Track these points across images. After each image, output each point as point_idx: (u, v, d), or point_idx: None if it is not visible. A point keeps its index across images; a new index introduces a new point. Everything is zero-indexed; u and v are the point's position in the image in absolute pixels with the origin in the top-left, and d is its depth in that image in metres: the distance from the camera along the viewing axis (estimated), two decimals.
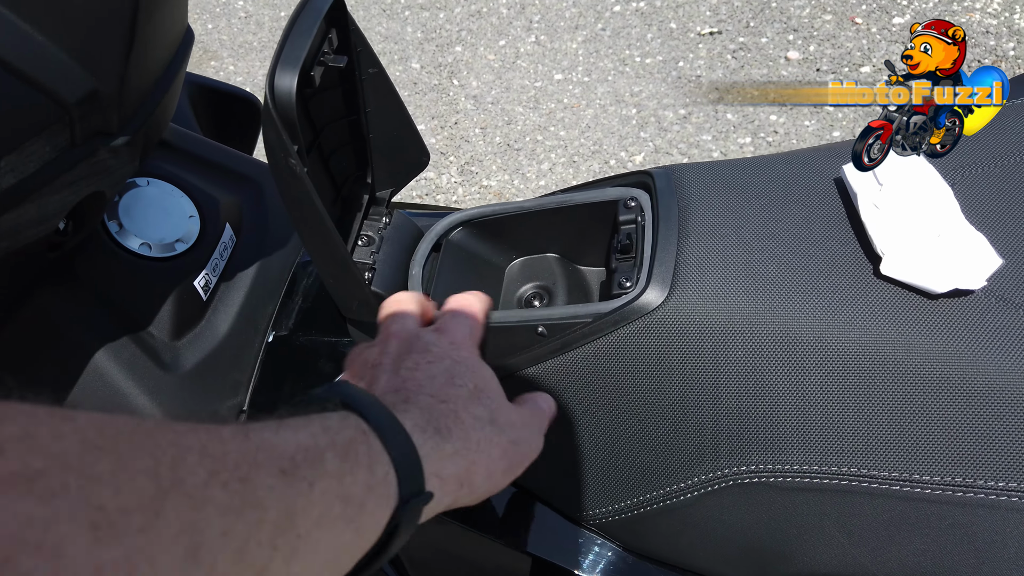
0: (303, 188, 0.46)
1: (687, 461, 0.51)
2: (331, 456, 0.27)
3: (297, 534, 0.25)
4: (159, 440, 0.22)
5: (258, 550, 0.23)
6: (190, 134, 0.69)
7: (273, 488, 0.24)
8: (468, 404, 0.37)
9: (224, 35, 2.66)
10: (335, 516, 0.27)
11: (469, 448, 0.35)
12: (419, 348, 0.40)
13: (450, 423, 0.35)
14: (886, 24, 2.34)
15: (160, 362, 0.59)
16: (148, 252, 0.60)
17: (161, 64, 0.50)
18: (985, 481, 0.45)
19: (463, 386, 0.38)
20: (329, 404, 0.31)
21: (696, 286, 0.50)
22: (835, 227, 0.52)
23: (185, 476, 0.22)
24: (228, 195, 0.67)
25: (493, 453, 0.37)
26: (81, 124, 0.44)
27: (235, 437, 0.25)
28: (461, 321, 0.44)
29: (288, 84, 0.44)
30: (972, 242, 0.48)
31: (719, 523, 0.52)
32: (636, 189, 0.58)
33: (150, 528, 0.20)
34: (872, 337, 0.47)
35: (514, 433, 0.39)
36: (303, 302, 0.67)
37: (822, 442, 0.48)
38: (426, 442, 0.33)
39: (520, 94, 2.28)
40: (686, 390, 0.50)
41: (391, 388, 0.37)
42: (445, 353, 0.40)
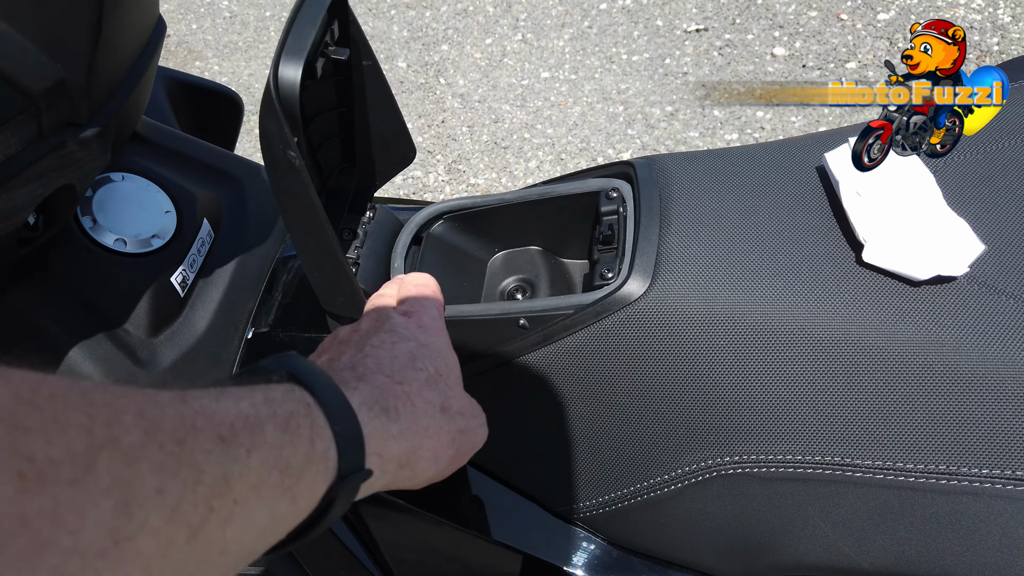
0: (299, 181, 0.45)
1: (670, 453, 0.51)
2: (271, 427, 0.27)
3: (233, 499, 0.25)
4: (94, 399, 0.22)
5: (192, 510, 0.23)
6: (167, 129, 0.68)
7: (210, 452, 0.24)
8: (423, 388, 0.38)
9: (209, 35, 2.65)
10: (272, 485, 0.27)
11: (416, 431, 0.36)
12: (387, 328, 0.40)
13: (400, 404, 0.36)
14: (871, 20, 2.35)
15: (136, 359, 0.58)
16: (123, 248, 0.59)
17: (131, 54, 0.49)
18: (968, 468, 0.44)
19: (423, 370, 0.39)
20: (275, 376, 0.31)
21: (678, 276, 0.49)
22: (817, 215, 0.52)
23: (120, 434, 0.22)
24: (206, 190, 0.66)
25: (441, 439, 0.38)
26: (48, 115, 0.43)
27: (173, 402, 0.25)
28: (427, 304, 0.44)
29: (293, 75, 0.44)
30: (954, 228, 0.47)
31: (703, 515, 0.51)
32: (618, 180, 0.58)
33: (81, 481, 0.20)
34: (854, 325, 0.47)
35: (463, 421, 0.40)
36: (283, 298, 0.66)
37: (805, 432, 0.47)
38: (372, 420, 0.33)
39: (507, 92, 2.28)
40: (668, 381, 0.50)
41: (349, 364, 0.37)
42: (412, 335, 0.40)
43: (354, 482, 0.31)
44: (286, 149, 0.43)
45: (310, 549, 0.62)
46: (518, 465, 0.57)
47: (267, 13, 2.71)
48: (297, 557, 0.63)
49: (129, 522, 0.21)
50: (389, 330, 0.40)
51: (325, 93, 0.54)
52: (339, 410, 0.31)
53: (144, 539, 0.21)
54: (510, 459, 0.57)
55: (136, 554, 0.21)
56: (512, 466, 0.57)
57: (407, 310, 0.43)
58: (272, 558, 0.29)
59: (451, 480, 0.59)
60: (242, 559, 0.26)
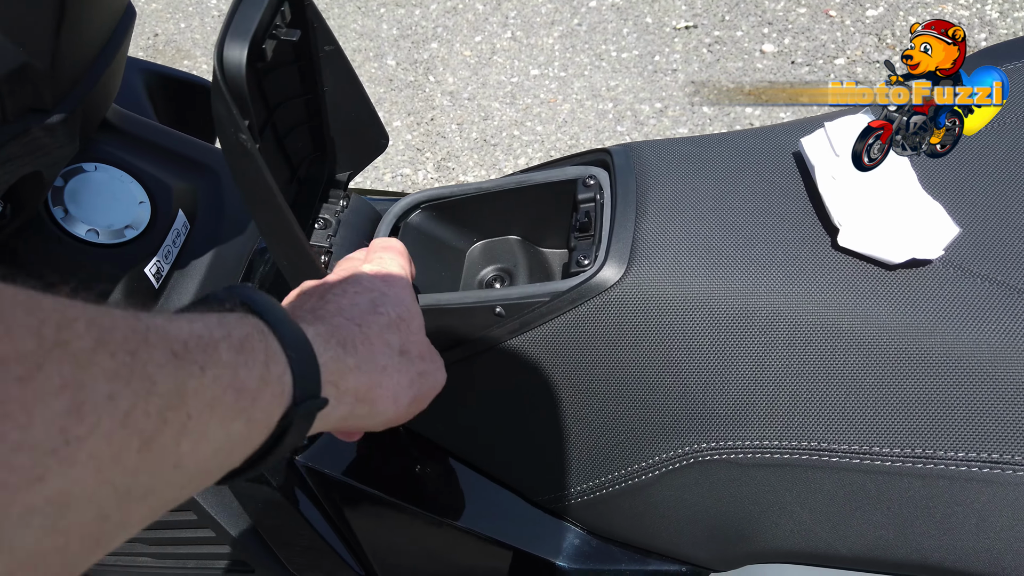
0: (254, 164, 0.44)
1: (648, 440, 0.50)
2: (225, 347, 0.27)
3: (187, 413, 0.24)
4: (44, 304, 0.21)
5: (146, 419, 0.23)
6: (141, 119, 0.67)
7: (163, 366, 0.24)
8: (383, 331, 0.38)
9: (197, 34, 2.64)
10: (227, 404, 0.26)
11: (374, 368, 0.36)
12: (351, 280, 0.41)
13: (357, 341, 0.36)
14: (860, 16, 2.35)
15: None
16: (95, 239, 0.58)
17: (99, 40, 0.48)
18: (944, 452, 0.44)
19: (384, 314, 0.39)
20: (228, 304, 0.31)
21: (654, 262, 0.49)
22: (793, 200, 0.51)
23: (70, 339, 0.21)
24: (181, 181, 0.65)
25: (400, 380, 0.38)
26: (11, 99, 0.42)
27: (126, 316, 0.24)
28: (393, 258, 0.45)
29: (237, 56, 0.43)
30: (929, 212, 0.47)
31: (682, 502, 0.51)
32: (595, 167, 0.57)
33: (30, 379, 0.19)
34: (830, 310, 0.46)
35: (423, 365, 0.41)
36: (260, 289, 0.66)
37: (781, 417, 0.47)
38: (326, 351, 0.33)
39: (496, 90, 2.27)
40: (645, 367, 0.49)
41: (309, 309, 0.38)
42: (374, 286, 0.41)
43: (310, 408, 0.31)
44: (237, 132, 0.43)
45: (289, 544, 0.62)
46: (496, 454, 0.56)
47: None
48: (277, 552, 0.62)
49: (80, 423, 0.20)
50: (353, 281, 0.41)
51: (288, 80, 0.54)
52: (294, 337, 0.31)
53: (96, 442, 0.21)
54: (488, 448, 0.56)
55: (88, 456, 0.21)
56: (490, 455, 0.57)
57: (374, 262, 0.45)
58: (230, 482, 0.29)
59: (429, 469, 0.58)
60: (198, 477, 0.26)
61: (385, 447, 0.59)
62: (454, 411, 0.56)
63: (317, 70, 0.55)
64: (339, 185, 0.62)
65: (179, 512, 0.60)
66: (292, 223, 0.48)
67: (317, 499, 0.58)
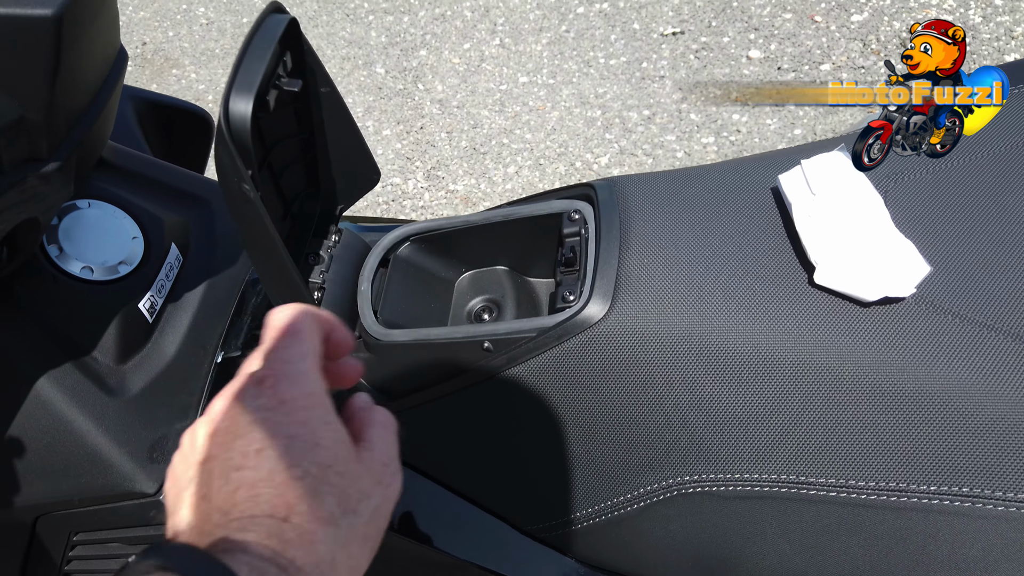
0: (255, 212, 0.45)
1: (632, 472, 0.52)
2: None
3: None
4: None
5: None
6: (133, 153, 0.68)
7: None
8: (315, 504, 0.31)
9: (185, 42, 2.63)
10: None
11: (322, 571, 0.31)
12: (244, 427, 0.33)
13: (295, 551, 0.30)
14: (845, 22, 2.37)
15: (105, 387, 0.58)
16: (90, 276, 0.59)
17: (92, 88, 0.49)
18: (917, 485, 0.46)
19: (306, 475, 0.32)
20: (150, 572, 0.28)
21: (636, 299, 0.50)
22: (771, 237, 0.53)
23: None
24: (173, 215, 0.66)
25: (352, 550, 0.32)
26: (7, 152, 0.43)
27: None
28: (288, 359, 0.35)
29: (243, 110, 0.44)
30: (901, 250, 0.49)
31: (666, 533, 0.52)
32: (580, 201, 0.59)
33: None
34: (807, 347, 0.48)
35: (372, 503, 0.34)
36: (252, 321, 0.67)
37: (761, 451, 0.48)
38: None
39: (485, 97, 2.28)
40: (629, 401, 0.51)
41: (221, 508, 0.31)
42: (276, 428, 0.33)
43: None
44: (240, 182, 0.44)
45: None
46: (485, 484, 0.58)
47: (244, 20, 2.70)
48: None
49: None
50: (246, 433, 0.33)
51: (284, 121, 0.55)
52: None
53: None
54: (477, 479, 0.58)
55: None
56: (479, 485, 0.58)
57: (262, 376, 0.34)
58: None
59: (419, 498, 0.60)
60: None
61: None
62: (444, 443, 0.57)
63: (314, 110, 0.56)
64: (330, 218, 0.63)
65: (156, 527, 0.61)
66: (290, 267, 0.49)
67: None
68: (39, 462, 0.57)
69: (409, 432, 0.57)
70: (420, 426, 0.57)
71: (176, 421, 0.62)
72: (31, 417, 0.56)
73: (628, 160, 2.04)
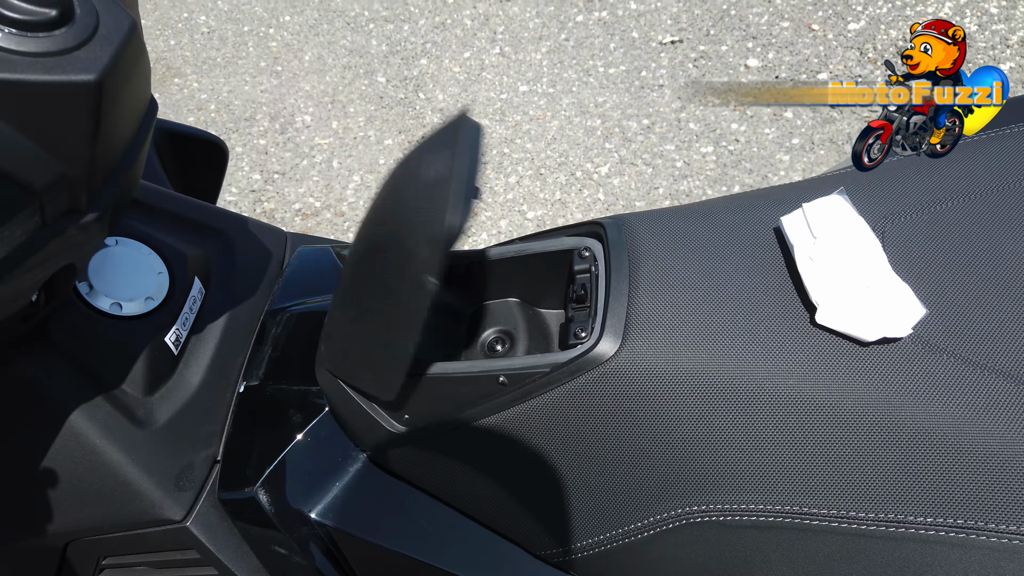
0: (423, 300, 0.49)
1: (642, 502, 0.54)
2: None
3: None
4: None
5: None
6: (156, 188, 0.71)
7: None
8: None
9: (187, 51, 2.65)
10: None
11: None
12: None
13: None
14: (842, 30, 2.40)
15: (134, 419, 0.61)
16: (119, 311, 0.62)
17: (127, 139, 0.51)
18: (915, 517, 0.48)
19: None
20: None
21: (646, 337, 0.53)
22: (774, 277, 0.55)
23: None
24: (196, 248, 0.69)
25: None
26: (51, 207, 0.45)
27: None
28: None
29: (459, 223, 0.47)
30: (898, 293, 0.51)
31: (675, 559, 0.55)
32: (589, 239, 0.61)
33: None
34: (809, 384, 0.50)
35: None
36: (272, 351, 0.69)
37: (766, 483, 0.51)
38: None
39: (486, 107, 2.31)
40: (639, 435, 0.53)
41: None
42: None
43: None
44: (427, 274, 0.47)
45: None
46: (502, 512, 0.60)
47: (245, 28, 2.72)
48: None
49: None
50: None
51: None
52: None
53: None
54: (494, 507, 0.60)
55: None
56: (496, 513, 0.60)
57: None
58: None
59: (437, 524, 0.62)
60: None
61: (396, 504, 0.62)
62: (460, 472, 0.60)
63: None
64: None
65: (198, 567, 0.64)
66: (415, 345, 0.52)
67: (332, 554, 0.62)
68: (71, 491, 0.59)
69: (427, 461, 0.60)
70: (437, 455, 0.60)
71: (201, 449, 0.64)
72: (64, 448, 0.58)
73: (628, 170, 2.06)
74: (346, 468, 0.63)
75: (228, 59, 2.61)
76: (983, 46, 2.28)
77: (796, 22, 2.45)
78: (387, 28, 2.65)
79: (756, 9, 2.49)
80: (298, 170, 2.17)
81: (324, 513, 0.61)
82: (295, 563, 0.62)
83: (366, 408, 0.59)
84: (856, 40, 2.37)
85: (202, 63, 2.61)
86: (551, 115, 2.25)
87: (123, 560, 0.64)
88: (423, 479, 0.61)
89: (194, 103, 2.44)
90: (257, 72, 2.53)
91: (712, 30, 2.45)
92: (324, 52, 2.58)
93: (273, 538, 0.61)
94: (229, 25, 2.75)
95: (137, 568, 0.65)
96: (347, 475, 0.63)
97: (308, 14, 2.74)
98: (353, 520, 0.62)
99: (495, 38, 2.54)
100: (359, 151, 2.21)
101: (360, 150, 2.22)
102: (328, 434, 0.64)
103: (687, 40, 2.43)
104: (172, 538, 0.62)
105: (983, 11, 2.36)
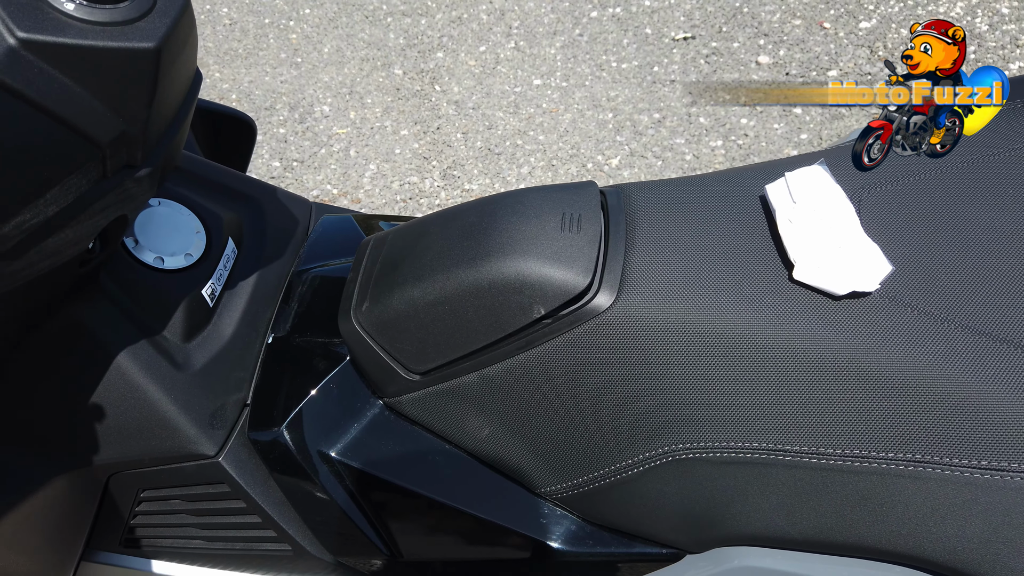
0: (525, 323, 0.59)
1: (633, 441, 0.60)
2: None
3: None
4: None
5: None
6: (196, 158, 0.77)
7: None
8: None
9: (209, 42, 2.72)
10: None
11: None
12: None
13: None
14: (853, 28, 2.43)
15: (174, 362, 0.67)
16: (161, 265, 0.68)
17: (177, 104, 0.57)
18: (876, 452, 0.53)
19: None
20: None
21: (640, 290, 0.58)
22: (758, 239, 0.61)
23: None
24: (230, 212, 0.75)
25: None
26: (112, 160, 0.52)
27: None
28: None
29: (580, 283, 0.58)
30: (868, 252, 0.56)
31: (661, 494, 0.60)
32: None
33: None
34: (785, 333, 0.56)
35: None
36: (298, 307, 0.75)
37: (744, 422, 0.56)
38: None
39: (500, 99, 2.36)
40: (631, 380, 0.59)
41: None
42: None
43: None
44: (538, 305, 0.58)
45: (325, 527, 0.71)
46: (506, 453, 0.66)
47: (266, 20, 2.79)
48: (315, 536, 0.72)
49: None
50: None
51: None
52: None
53: None
54: (499, 448, 0.66)
55: None
56: (500, 454, 0.66)
57: None
58: None
59: (446, 464, 0.68)
60: None
61: (409, 445, 0.68)
62: (469, 417, 0.65)
63: None
64: None
65: (228, 500, 0.70)
66: None
67: (350, 490, 0.67)
68: (115, 425, 0.66)
69: (438, 407, 0.66)
70: (447, 401, 0.65)
71: (232, 393, 0.70)
72: (111, 386, 0.65)
73: (639, 162, 2.11)
74: (364, 413, 0.69)
75: (249, 50, 2.68)
76: (993, 46, 2.31)
77: (808, 20, 2.49)
78: (404, 22, 2.71)
79: (769, 7, 2.53)
80: (316, 158, 2.24)
81: (343, 452, 0.67)
82: (316, 497, 0.68)
83: (386, 359, 0.65)
84: (867, 38, 2.41)
85: (224, 54, 2.68)
86: (564, 108, 2.31)
87: (159, 493, 0.70)
88: (434, 423, 0.67)
89: (216, 93, 2.52)
90: (277, 63, 2.60)
91: (724, 27, 2.49)
92: (343, 44, 2.65)
93: (297, 473, 0.67)
94: (250, 17, 2.82)
95: (172, 501, 0.71)
96: (365, 419, 0.68)
97: (328, 7, 2.81)
98: (369, 459, 0.67)
99: (510, 32, 2.60)
100: (375, 141, 2.28)
101: (377, 140, 2.28)
102: (347, 382, 0.69)
103: (699, 37, 2.48)
104: (205, 472, 0.68)
105: (994, 11, 2.39)
